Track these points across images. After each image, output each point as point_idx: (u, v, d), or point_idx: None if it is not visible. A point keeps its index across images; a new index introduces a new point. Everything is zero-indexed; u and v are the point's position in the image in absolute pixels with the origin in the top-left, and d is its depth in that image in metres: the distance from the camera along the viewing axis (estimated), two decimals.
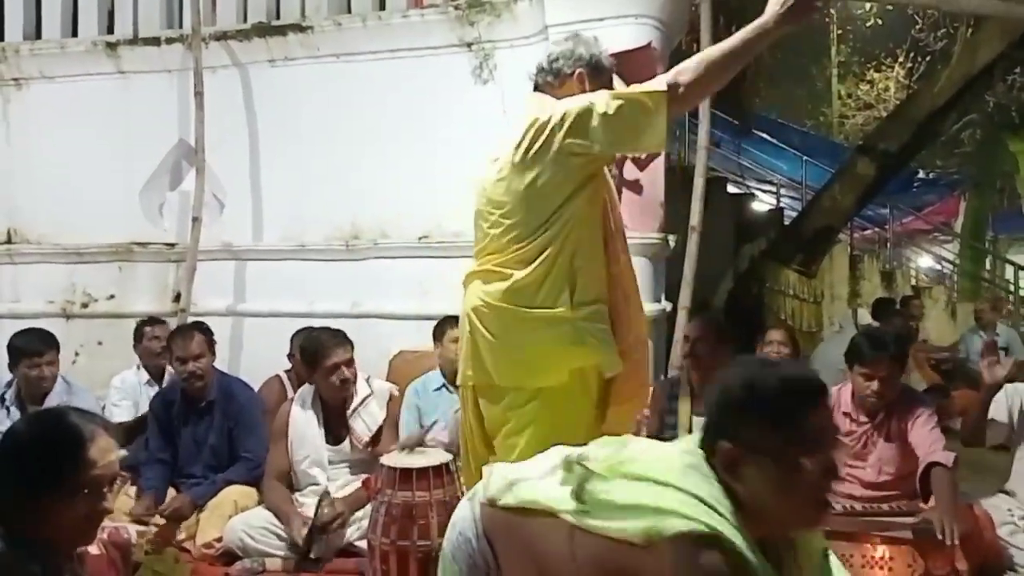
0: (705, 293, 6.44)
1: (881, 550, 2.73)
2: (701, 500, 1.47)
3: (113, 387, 4.60)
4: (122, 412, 4.49)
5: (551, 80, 2.53)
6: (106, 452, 1.72)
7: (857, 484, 3.36)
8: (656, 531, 1.45)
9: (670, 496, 1.48)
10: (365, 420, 3.63)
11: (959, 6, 5.76)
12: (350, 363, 3.60)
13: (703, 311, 4.69)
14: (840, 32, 17.21)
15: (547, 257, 2.35)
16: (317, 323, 4.21)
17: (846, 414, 3.39)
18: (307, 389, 3.72)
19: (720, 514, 1.46)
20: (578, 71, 2.51)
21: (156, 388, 4.53)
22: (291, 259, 5.48)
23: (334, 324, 3.97)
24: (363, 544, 3.20)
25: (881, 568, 2.73)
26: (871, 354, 3.28)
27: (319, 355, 3.59)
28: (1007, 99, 12.83)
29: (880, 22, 15.69)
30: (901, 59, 16.03)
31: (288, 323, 4.70)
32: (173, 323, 4.90)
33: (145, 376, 4.64)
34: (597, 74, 2.54)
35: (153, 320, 4.84)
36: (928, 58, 14.40)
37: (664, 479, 1.52)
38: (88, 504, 1.69)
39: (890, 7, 13.42)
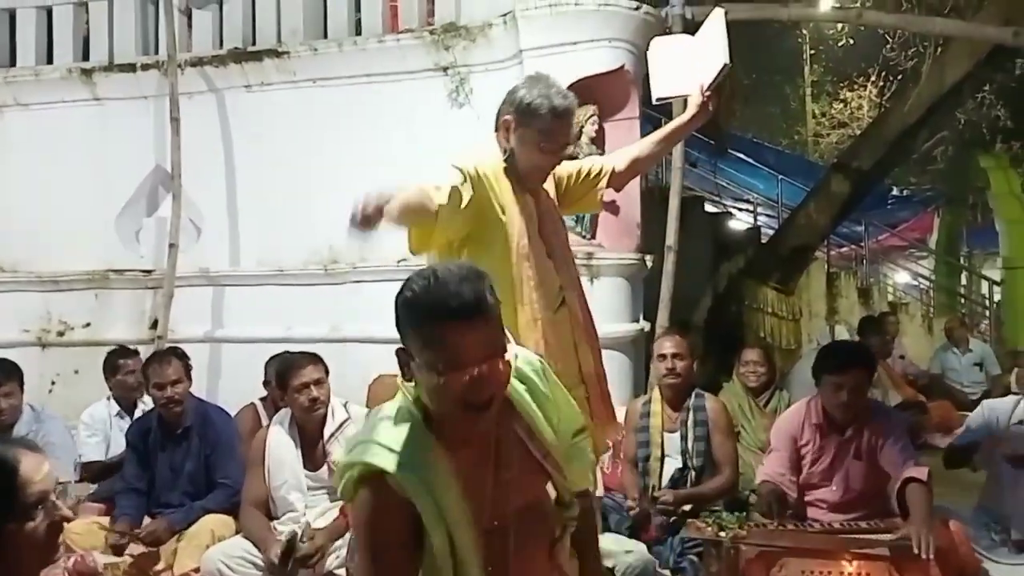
0: (684, 312, 6.47)
1: (857, 565, 2.75)
2: (376, 442, 1.65)
3: (82, 423, 4.50)
4: (92, 448, 4.42)
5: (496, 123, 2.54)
6: (38, 467, 1.72)
7: (825, 507, 3.33)
8: (344, 487, 1.69)
9: (355, 452, 1.68)
10: (344, 445, 3.60)
11: (926, 27, 5.88)
12: (319, 383, 3.57)
13: (680, 330, 4.71)
14: (813, 52, 17.47)
15: None
16: (296, 348, 4.18)
17: (816, 425, 3.37)
18: (284, 414, 3.69)
19: (391, 448, 1.63)
20: (504, 119, 2.49)
21: (127, 420, 4.46)
22: (269, 284, 5.47)
23: (313, 349, 3.94)
24: (342, 572, 3.17)
25: None
26: (841, 364, 3.29)
27: (288, 374, 3.57)
28: (977, 116, 13.05)
29: (852, 42, 15.93)
30: (873, 78, 16.28)
31: (266, 349, 4.66)
32: (150, 350, 4.85)
33: (115, 408, 4.56)
34: (525, 120, 2.46)
35: (126, 351, 4.70)
36: (899, 77, 14.64)
37: (363, 438, 1.70)
38: (45, 518, 1.70)
39: (862, 27, 13.64)
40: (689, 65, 2.77)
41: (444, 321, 1.55)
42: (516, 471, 1.72)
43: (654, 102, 2.99)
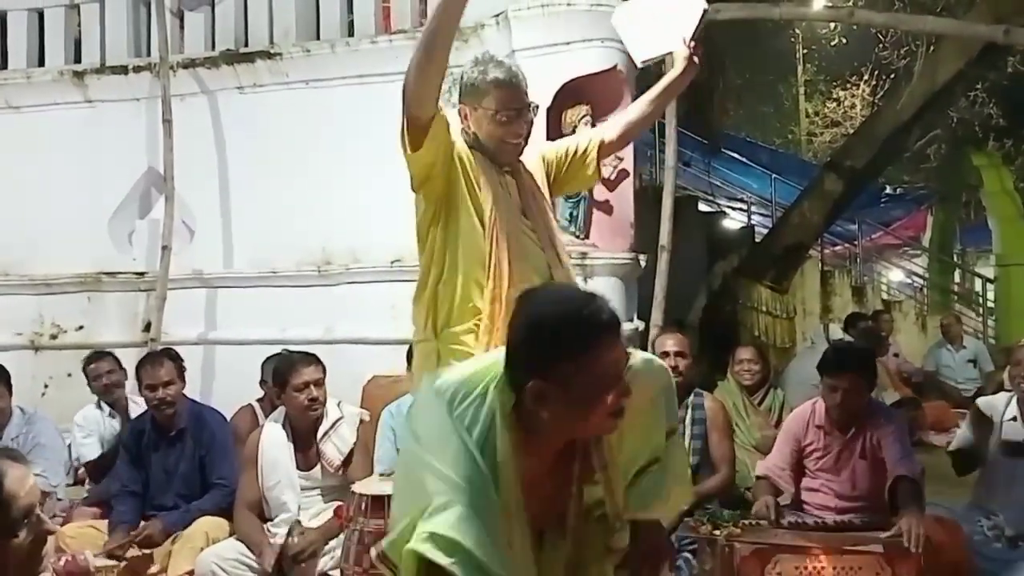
0: (679, 311, 6.47)
1: (851, 562, 2.76)
2: (462, 543, 1.46)
3: (76, 424, 4.49)
4: (88, 449, 4.41)
5: None
6: (23, 480, 1.70)
7: (832, 496, 3.38)
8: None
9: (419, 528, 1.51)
10: (336, 444, 3.60)
11: (917, 26, 5.90)
12: (319, 383, 3.57)
13: (676, 328, 4.71)
14: (806, 52, 17.49)
15: (419, 285, 2.45)
16: (290, 349, 4.18)
17: (820, 427, 3.43)
18: (278, 413, 3.69)
19: (466, 526, 1.47)
20: (459, 108, 2.50)
21: (119, 420, 4.46)
22: (262, 286, 5.46)
23: (307, 350, 3.94)
24: (336, 574, 3.17)
25: None
26: (836, 366, 3.35)
27: (288, 373, 3.57)
28: (969, 114, 13.09)
29: (844, 41, 15.95)
30: (866, 77, 16.30)
31: (260, 350, 4.65)
32: (143, 353, 4.83)
33: (107, 409, 4.55)
34: (473, 100, 2.47)
35: (97, 355, 4.64)
36: (892, 76, 14.64)
37: (423, 511, 1.52)
38: (29, 534, 1.68)
39: (854, 26, 13.67)
40: (663, 22, 2.68)
41: (608, 338, 1.55)
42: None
43: (638, 66, 2.91)
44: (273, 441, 3.59)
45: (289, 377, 3.57)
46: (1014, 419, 3.50)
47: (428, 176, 2.38)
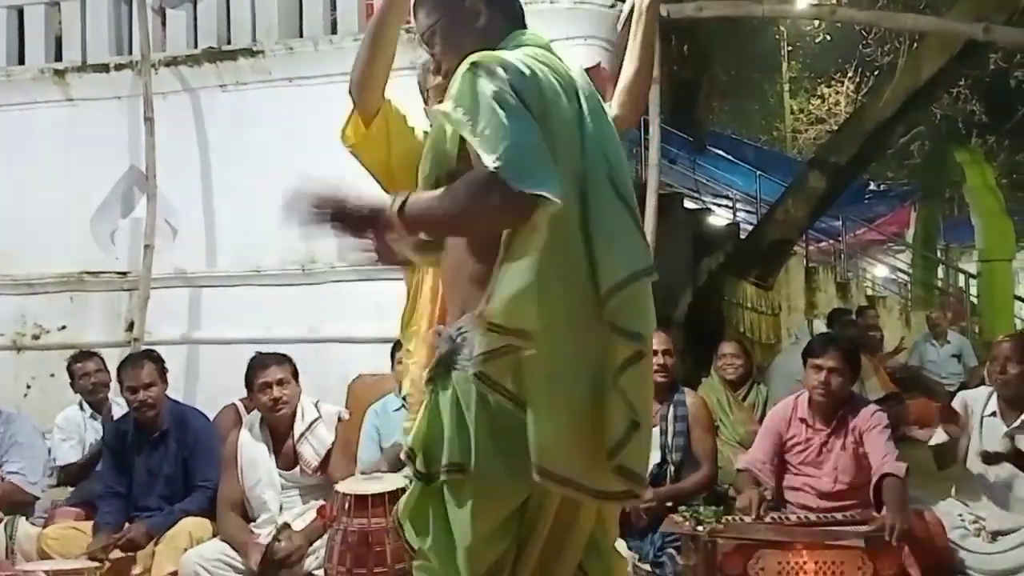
0: (664, 308, 6.47)
1: (832, 557, 2.78)
2: None
3: (57, 426, 4.46)
4: (69, 451, 4.38)
5: None
6: None
7: (813, 493, 3.40)
8: None
9: None
10: (313, 445, 3.59)
11: (898, 23, 5.94)
12: (282, 383, 3.55)
13: (661, 326, 4.72)
14: (791, 49, 17.56)
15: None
16: (274, 349, 4.15)
17: (803, 420, 3.46)
18: (255, 415, 3.69)
19: None
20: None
21: (100, 422, 4.42)
22: (246, 284, 5.43)
23: (292, 349, 3.93)
24: (320, 573, 3.16)
25: (832, 574, 2.78)
26: (821, 346, 3.43)
27: (251, 375, 3.58)
28: (952, 111, 13.18)
29: (829, 38, 16.03)
30: (850, 74, 16.39)
31: (244, 350, 4.59)
32: (126, 353, 4.80)
33: (89, 411, 4.52)
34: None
35: (82, 355, 4.60)
36: (876, 73, 14.75)
37: None
38: None
39: (837, 23, 13.74)
40: None
41: None
42: None
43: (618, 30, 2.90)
44: (251, 442, 3.59)
45: (252, 380, 3.57)
46: (993, 414, 3.52)
47: (388, 175, 2.38)
